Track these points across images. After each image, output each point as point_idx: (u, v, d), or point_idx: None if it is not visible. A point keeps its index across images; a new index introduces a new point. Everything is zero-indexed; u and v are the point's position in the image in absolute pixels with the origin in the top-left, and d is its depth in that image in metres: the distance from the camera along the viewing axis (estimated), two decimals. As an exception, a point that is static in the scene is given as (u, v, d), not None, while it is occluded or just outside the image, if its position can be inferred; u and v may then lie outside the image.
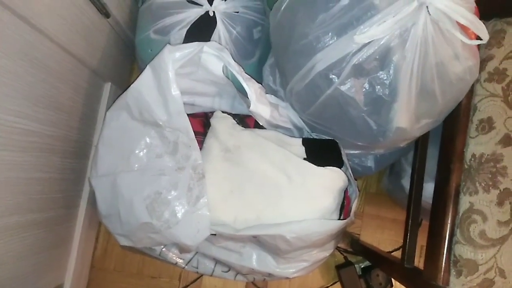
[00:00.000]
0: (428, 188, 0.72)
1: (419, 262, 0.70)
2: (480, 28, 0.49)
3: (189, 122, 0.67)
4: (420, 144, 0.72)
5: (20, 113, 0.59)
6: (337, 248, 1.02)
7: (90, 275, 1.03)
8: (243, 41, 0.82)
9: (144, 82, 0.66)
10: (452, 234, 0.56)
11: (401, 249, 1.04)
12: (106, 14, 0.79)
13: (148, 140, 0.70)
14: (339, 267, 1.02)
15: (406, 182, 0.89)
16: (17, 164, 0.62)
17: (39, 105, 0.64)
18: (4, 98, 0.55)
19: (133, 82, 0.68)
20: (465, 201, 0.56)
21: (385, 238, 1.08)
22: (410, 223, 0.69)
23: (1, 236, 0.62)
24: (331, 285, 1.05)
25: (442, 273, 0.56)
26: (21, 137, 0.61)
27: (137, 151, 0.70)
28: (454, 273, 0.55)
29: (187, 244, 0.68)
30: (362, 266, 1.03)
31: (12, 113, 0.57)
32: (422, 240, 0.70)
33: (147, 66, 0.66)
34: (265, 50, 0.86)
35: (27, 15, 0.55)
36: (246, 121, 0.79)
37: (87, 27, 0.75)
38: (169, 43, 0.66)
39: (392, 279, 0.98)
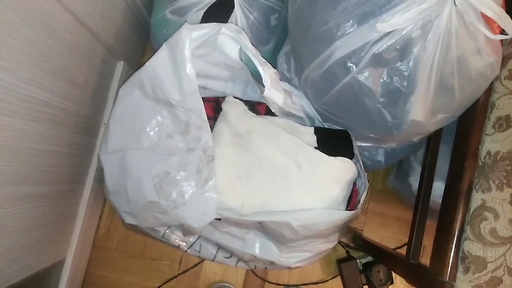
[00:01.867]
0: (435, 187, 0.72)
1: (419, 260, 0.70)
2: (507, 22, 0.48)
3: (202, 103, 0.66)
4: (432, 140, 0.71)
5: (36, 82, 0.59)
6: (339, 243, 1.02)
7: (91, 254, 1.04)
8: (260, 27, 0.81)
9: (160, 60, 0.66)
10: (461, 231, 0.56)
11: (403, 248, 1.05)
12: (124, -9, 0.79)
13: (159, 119, 0.69)
14: (340, 261, 1.02)
15: (413, 180, 0.88)
16: (29, 133, 0.62)
17: (55, 77, 0.64)
18: (20, 65, 0.55)
19: (147, 61, 0.68)
20: (477, 198, 0.56)
21: (388, 235, 1.08)
22: (417, 219, 0.68)
23: (10, 204, 0.62)
24: (331, 278, 1.05)
25: (449, 269, 0.55)
26: (35, 107, 0.61)
27: (148, 130, 0.69)
28: (462, 269, 0.55)
29: (193, 226, 0.68)
30: (363, 262, 1.03)
31: (27, 81, 0.57)
32: (424, 239, 0.70)
33: (164, 44, 0.65)
34: (281, 38, 0.86)
35: (48, -17, 0.55)
36: (257, 108, 0.79)
37: (104, 2, 0.74)
38: (185, 22, 0.66)
39: (393, 276, 0.98)
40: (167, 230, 0.83)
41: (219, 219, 0.69)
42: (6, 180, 0.60)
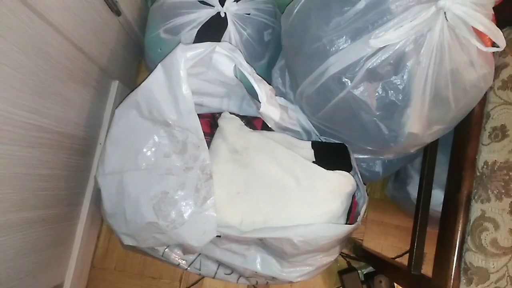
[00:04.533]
0: (434, 195, 0.72)
1: (421, 271, 0.70)
2: (498, 35, 0.49)
3: (199, 122, 0.66)
4: (429, 150, 0.71)
5: (31, 108, 0.59)
6: (340, 254, 1.01)
7: (90, 275, 1.02)
8: (253, 43, 0.82)
9: (155, 81, 0.66)
10: (462, 242, 0.56)
11: (404, 256, 1.05)
12: (117, 12, 0.79)
13: (156, 139, 0.69)
14: (341, 273, 1.01)
15: (411, 189, 0.89)
16: (25, 159, 0.61)
17: (51, 101, 0.64)
18: (15, 92, 0.55)
19: (142, 81, 0.68)
20: (476, 209, 0.56)
21: (388, 244, 1.08)
22: (417, 229, 0.68)
23: (7, 232, 0.62)
24: (333, 290, 1.04)
25: (452, 281, 0.55)
26: (30, 132, 0.60)
27: (145, 150, 0.69)
28: (464, 281, 0.55)
29: (193, 245, 0.68)
30: (364, 272, 1.02)
31: (22, 108, 0.57)
32: (425, 247, 0.70)
33: (159, 65, 0.65)
34: (275, 53, 0.86)
35: (42, 10, 0.55)
36: (253, 123, 0.79)
37: (98, 24, 0.75)
38: (180, 43, 0.66)
39: (395, 286, 0.98)
40: (167, 249, 0.82)
41: (219, 236, 0.68)
42: (3, 208, 0.59)
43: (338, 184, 0.69)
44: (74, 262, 0.89)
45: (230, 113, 0.77)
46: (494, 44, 0.53)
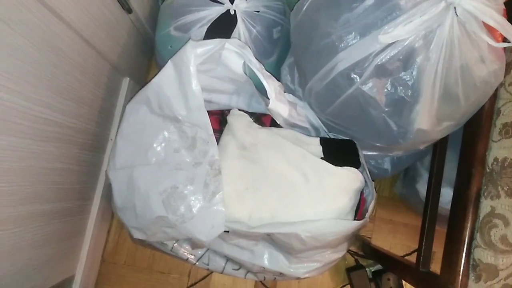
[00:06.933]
0: (443, 194, 0.72)
1: (430, 268, 0.70)
2: (509, 30, 0.49)
3: (209, 118, 0.67)
4: (438, 147, 0.71)
5: (44, 103, 0.60)
6: (348, 251, 1.01)
7: (100, 269, 1.04)
8: (263, 40, 0.82)
9: (165, 77, 0.67)
10: (471, 238, 0.56)
11: (412, 254, 1.04)
12: (128, 9, 0.80)
13: (166, 134, 0.70)
14: (349, 270, 1.01)
15: (421, 187, 0.88)
16: (38, 153, 0.62)
17: (62, 97, 0.65)
18: (29, 87, 0.56)
19: (152, 78, 0.69)
20: (486, 205, 0.56)
21: (396, 242, 1.07)
22: (426, 227, 0.68)
23: (20, 223, 0.63)
24: (341, 287, 1.04)
25: (460, 277, 0.55)
26: (44, 127, 0.62)
27: (155, 145, 0.70)
28: (473, 277, 0.54)
29: (201, 240, 0.68)
30: (372, 270, 1.02)
31: (36, 103, 0.58)
32: (434, 245, 0.70)
33: (169, 61, 0.66)
34: (284, 50, 0.87)
35: (55, 6, 0.56)
36: (262, 119, 0.79)
37: (109, 21, 0.76)
38: (190, 39, 0.67)
39: (403, 284, 0.97)
40: (175, 244, 0.83)
41: (227, 231, 0.69)
42: (17, 200, 0.60)
43: (347, 181, 0.69)
44: (85, 256, 0.91)
45: (239, 109, 0.77)
46: (505, 40, 0.52)
